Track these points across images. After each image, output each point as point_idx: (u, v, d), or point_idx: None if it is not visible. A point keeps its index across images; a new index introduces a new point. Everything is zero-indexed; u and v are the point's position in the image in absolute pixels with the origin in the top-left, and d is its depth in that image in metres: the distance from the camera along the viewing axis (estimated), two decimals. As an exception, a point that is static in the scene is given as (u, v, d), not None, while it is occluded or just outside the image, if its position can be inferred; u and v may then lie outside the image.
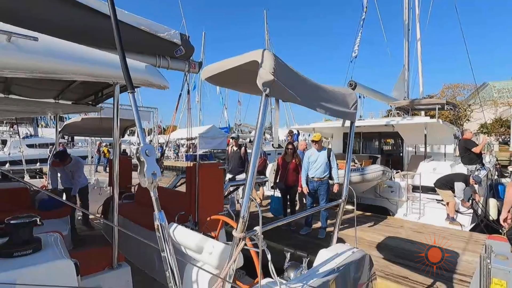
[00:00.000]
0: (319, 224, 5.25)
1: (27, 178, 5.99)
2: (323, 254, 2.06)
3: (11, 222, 1.59)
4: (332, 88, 2.21)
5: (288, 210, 5.57)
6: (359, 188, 7.21)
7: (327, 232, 5.09)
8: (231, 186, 4.16)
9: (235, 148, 6.36)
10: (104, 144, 15.65)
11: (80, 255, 2.64)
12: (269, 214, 6.41)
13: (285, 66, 1.57)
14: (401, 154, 9.51)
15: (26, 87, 3.61)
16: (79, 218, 5.29)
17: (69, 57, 1.78)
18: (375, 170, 6.49)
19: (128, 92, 1.20)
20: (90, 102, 4.35)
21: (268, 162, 8.09)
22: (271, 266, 1.40)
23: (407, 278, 3.46)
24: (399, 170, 7.78)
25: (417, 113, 10.48)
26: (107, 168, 11.99)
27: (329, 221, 5.64)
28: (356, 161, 8.02)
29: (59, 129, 5.87)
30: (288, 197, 5.50)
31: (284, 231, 5.35)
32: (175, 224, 2.15)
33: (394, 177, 7.33)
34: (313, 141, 5.06)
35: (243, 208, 1.39)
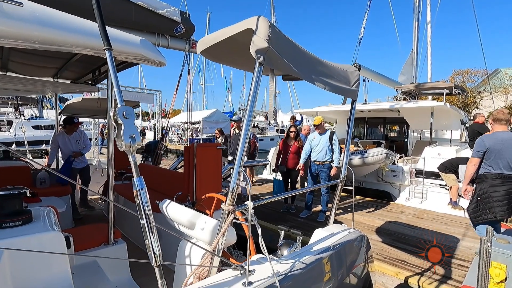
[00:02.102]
0: (319, 208, 5.24)
1: (29, 156, 6.05)
2: (318, 234, 2.03)
3: (0, 193, 1.56)
4: (333, 63, 2.11)
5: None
6: (361, 172, 7.15)
7: (327, 216, 5.09)
8: (231, 168, 4.11)
9: (237, 131, 6.29)
10: (107, 126, 15.66)
11: (76, 231, 2.66)
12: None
13: (281, 35, 1.48)
14: (405, 140, 9.37)
15: (23, 64, 3.54)
16: (81, 198, 5.35)
17: (56, 26, 1.70)
18: (378, 153, 6.40)
19: (104, 49, 1.12)
20: (90, 82, 4.29)
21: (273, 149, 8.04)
22: (261, 241, 1.36)
23: (404, 261, 3.45)
24: (403, 155, 7.68)
25: (423, 98, 10.22)
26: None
27: (329, 205, 5.62)
28: (359, 145, 7.92)
29: (60, 110, 5.84)
30: (289, 180, 5.47)
31: (284, 214, 5.36)
32: (168, 200, 2.12)
33: (397, 162, 7.24)
34: (314, 125, 4.98)
35: (232, 181, 1.34)
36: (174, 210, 2.01)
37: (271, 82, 1.52)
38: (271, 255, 1.79)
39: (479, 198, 3.08)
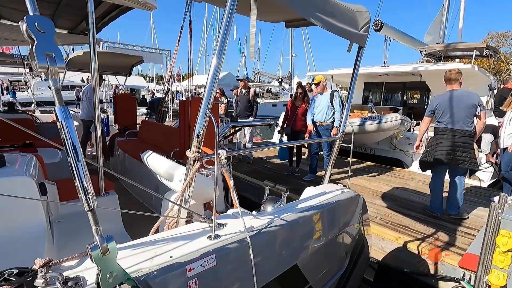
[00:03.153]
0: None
1: (37, 113, 6.12)
2: (308, 191, 1.89)
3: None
4: (339, 1, 1.80)
5: (294, 158, 5.42)
6: (373, 138, 6.86)
7: (332, 180, 4.96)
8: (233, 127, 3.97)
9: (243, 91, 6.03)
10: (120, 87, 15.63)
11: (65, 181, 2.66)
12: (277, 160, 6.33)
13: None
14: (425, 107, 8.80)
15: (15, 11, 3.37)
16: (88, 153, 5.45)
17: None
18: (393, 119, 6.04)
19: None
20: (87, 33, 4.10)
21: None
22: (233, 194, 1.23)
23: (407, 227, 3.32)
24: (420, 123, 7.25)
25: (450, 61, 9.39)
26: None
27: (342, 170, 5.47)
28: (374, 110, 7.51)
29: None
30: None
31: (287, 177, 5.27)
32: (150, 152, 2.02)
33: (413, 129, 6.86)
34: (314, 84, 4.66)
35: (198, 125, 1.18)
36: (154, 161, 1.91)
37: (253, 12, 1.27)
38: (254, 211, 1.68)
39: (428, 147, 3.56)
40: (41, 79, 20.19)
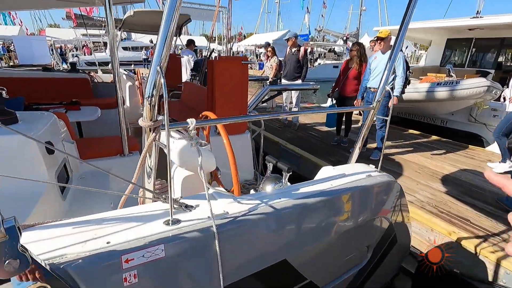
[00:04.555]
0: (375, 145, 4.49)
1: (100, 73, 6.64)
2: (324, 172, 1.56)
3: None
4: None
5: (343, 127, 4.88)
6: (447, 108, 5.76)
7: (386, 155, 4.36)
8: (271, 90, 3.64)
9: (293, 50, 5.48)
10: (179, 47, 16.06)
11: (93, 140, 2.79)
12: (325, 128, 5.85)
13: None
14: (528, 70, 6.92)
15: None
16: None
17: None
18: (476, 85, 4.89)
19: None
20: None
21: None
22: (200, 172, 1.01)
23: (467, 220, 2.73)
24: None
25: None
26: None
27: (390, 143, 4.81)
28: (452, 73, 6.19)
29: (119, 26, 5.93)
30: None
31: (333, 147, 4.82)
32: None
33: (504, 98, 5.50)
34: (377, 38, 3.83)
35: (148, 85, 0.95)
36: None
37: None
38: (252, 190, 1.45)
39: None
40: (119, 41, 22.06)
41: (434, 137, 5.44)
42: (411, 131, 5.88)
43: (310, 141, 5.15)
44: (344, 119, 4.83)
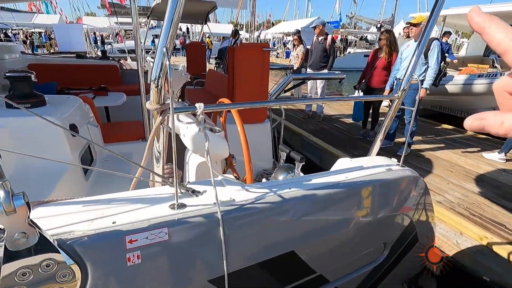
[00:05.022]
0: (403, 139, 4.25)
1: (129, 60, 6.86)
2: (340, 163, 1.48)
3: (7, 75, 1.62)
4: None
5: (370, 119, 4.66)
6: (488, 102, 5.28)
7: (414, 150, 4.11)
8: (294, 79, 3.53)
9: (319, 38, 5.28)
10: (207, 35, 16.15)
11: (118, 125, 2.88)
12: (350, 120, 5.63)
13: None
14: None
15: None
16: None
17: None
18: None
19: None
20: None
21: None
22: (207, 158, 0.99)
23: (502, 226, 2.51)
24: None
25: None
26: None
27: (416, 138, 4.53)
28: (497, 64, 5.65)
29: (148, 14, 6.03)
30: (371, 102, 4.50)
31: (358, 141, 4.64)
32: None
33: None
34: (409, 24, 3.54)
35: (155, 68, 0.93)
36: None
37: None
38: (264, 179, 1.41)
39: None
40: (148, 29, 22.66)
41: (469, 133, 5.04)
42: (444, 125, 5.49)
43: (334, 133, 4.99)
44: (371, 111, 4.60)
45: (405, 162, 1.53)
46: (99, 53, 6.37)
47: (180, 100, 6.03)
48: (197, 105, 1.01)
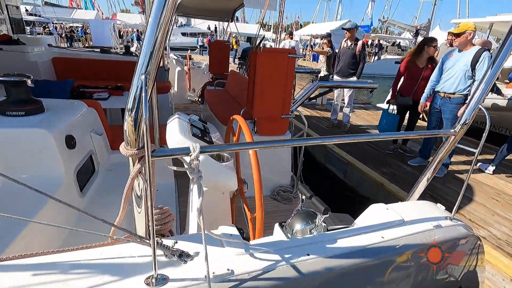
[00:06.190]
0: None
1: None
2: (373, 212, 1.17)
3: (1, 79, 1.46)
4: None
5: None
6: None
7: (450, 172, 3.65)
8: (321, 87, 3.22)
9: (349, 43, 4.92)
10: (234, 34, 16.05)
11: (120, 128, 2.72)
12: (378, 132, 5.20)
13: None
14: None
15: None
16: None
17: None
18: None
19: None
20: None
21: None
22: (199, 218, 0.74)
23: None
24: None
25: None
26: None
27: (454, 158, 4.05)
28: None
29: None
30: (408, 115, 4.08)
31: (388, 156, 4.24)
32: (176, 115, 1.69)
33: None
34: (452, 34, 3.15)
35: (130, 98, 0.70)
36: (171, 128, 1.58)
37: None
38: (278, 225, 1.10)
39: None
40: (176, 26, 23.00)
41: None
42: (487, 144, 4.93)
43: (361, 146, 4.61)
44: (406, 123, 4.19)
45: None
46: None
47: (199, 100, 5.89)
48: (191, 146, 0.75)
